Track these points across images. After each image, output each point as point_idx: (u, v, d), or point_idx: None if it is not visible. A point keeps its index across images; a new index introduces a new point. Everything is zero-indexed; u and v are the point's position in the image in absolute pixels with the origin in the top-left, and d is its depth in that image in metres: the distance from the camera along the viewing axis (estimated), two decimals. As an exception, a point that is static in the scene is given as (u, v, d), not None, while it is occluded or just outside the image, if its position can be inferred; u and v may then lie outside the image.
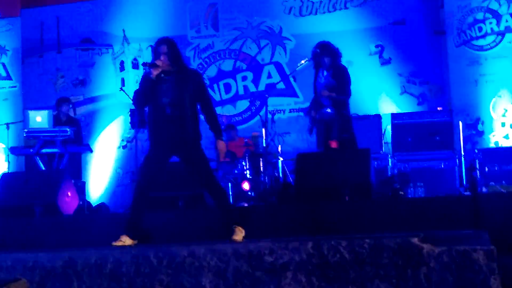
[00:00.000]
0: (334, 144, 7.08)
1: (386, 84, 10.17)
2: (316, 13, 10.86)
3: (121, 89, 10.48)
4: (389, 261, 4.07)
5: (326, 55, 7.35)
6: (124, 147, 11.24)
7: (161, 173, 5.66)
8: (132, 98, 6.45)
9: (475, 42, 9.50)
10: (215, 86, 11.16)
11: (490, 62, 9.39)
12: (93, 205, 8.74)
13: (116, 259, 4.57)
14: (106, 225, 6.68)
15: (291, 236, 5.06)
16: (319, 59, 7.37)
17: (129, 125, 9.95)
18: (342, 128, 7.15)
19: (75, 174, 8.71)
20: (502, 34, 9.38)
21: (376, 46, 10.42)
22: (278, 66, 10.92)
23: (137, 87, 5.82)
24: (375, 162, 8.00)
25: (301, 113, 10.63)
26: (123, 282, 4.49)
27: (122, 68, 11.54)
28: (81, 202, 8.08)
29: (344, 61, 7.62)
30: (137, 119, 9.35)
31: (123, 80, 11.46)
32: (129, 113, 9.69)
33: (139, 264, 4.51)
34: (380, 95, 10.14)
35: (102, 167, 11.19)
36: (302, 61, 8.19)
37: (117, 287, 4.51)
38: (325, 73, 7.37)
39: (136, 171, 8.76)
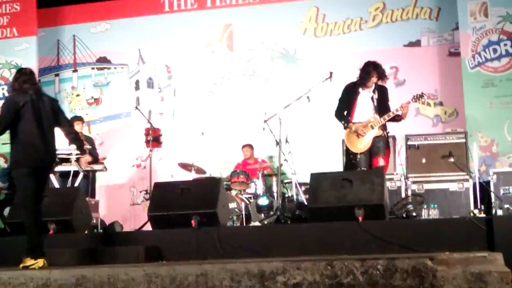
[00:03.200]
0: (382, 162, 7.15)
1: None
2: (331, 35, 10.89)
3: (136, 108, 10.54)
4: (402, 282, 4.04)
5: (377, 73, 7.39)
6: (138, 166, 11.27)
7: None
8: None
9: (489, 64, 9.49)
10: (229, 105, 11.18)
11: (505, 84, 9.36)
12: (106, 224, 8.76)
13: (129, 277, 4.57)
14: (118, 243, 6.70)
15: (304, 256, 5.04)
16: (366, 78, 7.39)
17: (144, 144, 9.99)
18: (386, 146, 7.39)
19: (89, 193, 8.75)
20: (517, 56, 9.37)
21: (391, 68, 10.42)
22: (292, 86, 10.93)
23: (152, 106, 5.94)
24: (389, 183, 7.97)
25: (315, 133, 10.64)
26: (136, 300, 4.49)
27: (137, 87, 11.61)
28: (94, 221, 8.11)
29: (359, 82, 7.65)
30: (152, 138, 9.38)
31: (138, 99, 11.52)
32: (145, 132, 9.73)
33: (152, 282, 4.51)
34: (395, 117, 10.11)
35: (116, 186, 11.22)
36: (317, 82, 8.22)
37: (130, 305, 4.51)
38: (371, 93, 7.39)
39: (150, 190, 8.77)
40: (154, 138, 9.22)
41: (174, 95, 11.46)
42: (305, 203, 8.22)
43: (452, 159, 8.19)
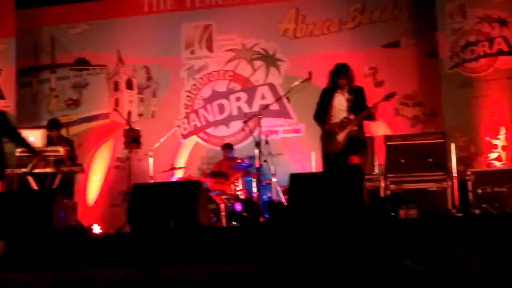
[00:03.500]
0: (356, 160, 7.16)
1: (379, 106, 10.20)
2: (310, 36, 10.92)
3: (115, 109, 10.49)
4: (382, 282, 4.05)
5: (344, 76, 7.42)
6: (117, 167, 11.22)
7: None
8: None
9: (467, 65, 9.56)
10: (208, 107, 11.18)
11: (483, 85, 9.44)
12: (85, 226, 8.71)
13: (107, 279, 4.55)
14: (96, 245, 6.66)
15: (284, 257, 5.05)
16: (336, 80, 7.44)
17: (123, 145, 9.96)
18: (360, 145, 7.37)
19: (68, 194, 8.69)
20: (494, 56, 9.44)
21: (370, 68, 10.48)
22: (272, 87, 10.96)
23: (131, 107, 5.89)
24: (369, 183, 8.00)
25: (295, 134, 10.67)
26: (114, 303, 4.47)
27: (116, 88, 11.56)
28: (73, 222, 8.06)
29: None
30: (131, 139, 9.36)
31: (117, 100, 11.47)
32: (123, 133, 9.70)
33: (131, 284, 4.48)
34: (373, 117, 10.16)
35: (95, 187, 11.17)
36: (296, 83, 8.24)
37: (108, 308, 4.48)
38: (346, 94, 7.42)
39: (128, 191, 8.74)
40: (133, 139, 9.19)
41: (153, 96, 11.42)
42: (285, 203, 8.24)
43: (430, 159, 8.25)
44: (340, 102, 7.41)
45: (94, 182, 11.18)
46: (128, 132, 9.30)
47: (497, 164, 9.13)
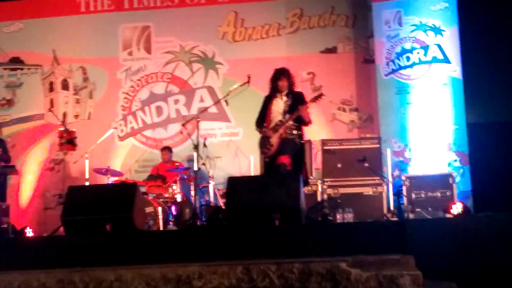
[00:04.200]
0: (285, 160, 7.15)
1: (317, 111, 10.31)
2: (249, 39, 10.95)
3: (50, 110, 10.29)
4: (317, 285, 4.08)
5: (284, 79, 7.42)
6: (51, 169, 11.00)
7: None
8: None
9: (403, 71, 9.73)
10: (146, 109, 11.08)
11: (418, 91, 9.62)
12: (17, 229, 8.51)
13: (41, 283, 4.45)
14: (30, 249, 6.50)
15: (221, 260, 5.03)
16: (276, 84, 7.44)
17: (58, 146, 9.77)
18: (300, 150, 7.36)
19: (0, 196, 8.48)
20: (429, 64, 9.64)
21: (308, 73, 10.58)
22: (211, 90, 10.94)
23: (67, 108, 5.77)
24: (306, 187, 8.05)
25: (233, 138, 10.67)
26: (47, 307, 4.37)
27: (51, 89, 11.33)
28: (5, 225, 7.86)
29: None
30: (66, 141, 9.19)
31: (52, 101, 11.25)
32: (58, 134, 9.51)
33: (64, 288, 4.40)
34: (311, 121, 10.25)
35: (28, 189, 10.93)
36: (235, 86, 8.24)
37: (41, 312, 4.39)
38: (284, 98, 7.42)
39: (62, 194, 8.57)
40: (68, 141, 9.03)
41: (90, 97, 11.25)
42: (223, 207, 8.21)
43: (366, 164, 8.37)
44: (278, 105, 7.43)
45: (28, 184, 10.94)
46: (63, 133, 9.12)
47: (431, 169, 9.30)
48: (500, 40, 9.61)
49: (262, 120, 7.55)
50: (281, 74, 7.49)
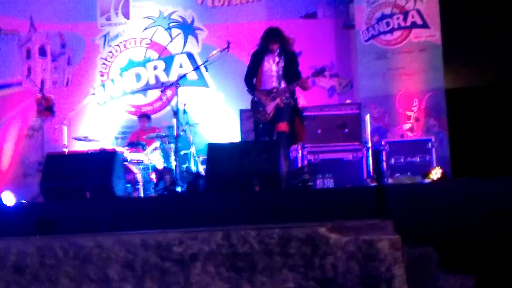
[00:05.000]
0: (284, 127, 7.14)
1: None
2: (229, 5, 10.85)
3: (27, 77, 10.18)
4: (297, 250, 4.10)
5: (276, 41, 7.30)
6: (30, 136, 10.91)
7: None
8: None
9: (383, 37, 9.72)
10: (125, 74, 10.99)
11: (397, 57, 9.63)
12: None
13: (20, 250, 4.43)
14: (9, 216, 6.48)
15: (202, 227, 5.04)
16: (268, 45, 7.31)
17: (36, 113, 9.69)
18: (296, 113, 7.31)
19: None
20: (408, 29, 9.63)
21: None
22: (190, 56, 10.86)
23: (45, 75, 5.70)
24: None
25: (214, 103, 10.63)
26: (27, 274, 4.36)
27: (28, 56, 11.19)
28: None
29: (256, 52, 7.64)
30: (44, 108, 9.12)
31: (29, 68, 11.12)
32: (36, 101, 9.43)
33: (44, 255, 4.38)
34: (291, 87, 10.23)
35: (7, 157, 10.85)
36: (214, 52, 8.18)
37: (21, 280, 4.37)
38: (276, 59, 7.34)
39: (42, 161, 8.53)
40: (46, 108, 8.95)
41: (68, 63, 11.13)
42: (203, 173, 8.22)
43: (346, 130, 8.39)
44: (270, 68, 7.31)
45: (7, 151, 10.86)
46: (41, 100, 9.03)
47: (410, 134, 9.36)
48: (480, 6, 9.61)
49: (252, 79, 7.44)
50: (272, 36, 7.32)
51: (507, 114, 9.47)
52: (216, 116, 10.55)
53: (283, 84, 7.27)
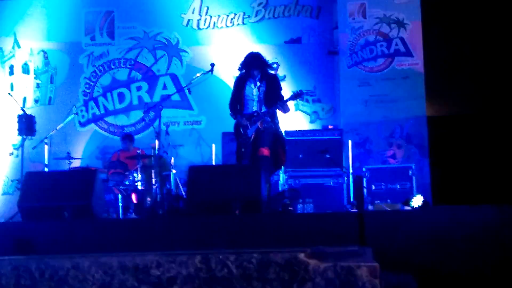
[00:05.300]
0: (266, 152, 7.18)
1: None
2: (213, 27, 10.89)
3: (9, 94, 10.12)
4: (276, 276, 4.09)
5: (257, 68, 7.41)
6: (10, 154, 10.83)
7: None
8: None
9: (366, 64, 9.79)
10: (108, 95, 10.97)
11: (380, 84, 9.70)
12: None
13: (-5, 270, 4.38)
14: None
15: (181, 250, 5.01)
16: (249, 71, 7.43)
17: (17, 131, 9.62)
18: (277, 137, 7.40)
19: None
20: (391, 56, 9.72)
21: (272, 63, 10.55)
22: (174, 78, 10.86)
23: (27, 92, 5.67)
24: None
25: (195, 126, 10.63)
26: (2, 295, 4.31)
27: (11, 72, 11.13)
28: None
29: (240, 76, 7.70)
30: (25, 126, 9.07)
31: (12, 85, 11.05)
32: (17, 119, 9.37)
33: (20, 276, 4.34)
34: (274, 112, 10.26)
35: (-14, 174, 10.77)
36: (198, 74, 8.20)
37: (-5, 300, 4.32)
38: (258, 83, 7.40)
39: (21, 180, 8.46)
40: (27, 126, 8.89)
41: (51, 82, 11.08)
42: (184, 196, 8.19)
43: (328, 155, 8.41)
44: (252, 92, 7.43)
45: (-15, 169, 10.77)
46: (22, 118, 8.98)
47: (392, 161, 9.40)
48: (462, 35, 9.73)
49: (235, 104, 7.53)
50: (253, 62, 7.47)
51: (488, 142, 9.55)
52: (198, 138, 10.53)
53: (264, 108, 7.35)
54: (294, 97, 7.51)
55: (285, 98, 7.44)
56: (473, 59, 9.71)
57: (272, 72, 7.77)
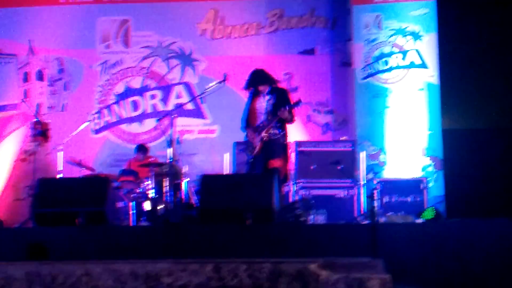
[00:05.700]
0: (276, 164, 7.22)
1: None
2: (228, 37, 10.92)
3: (23, 100, 10.18)
4: (287, 286, 4.08)
5: (263, 84, 7.60)
6: (23, 160, 10.87)
7: None
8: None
9: (381, 75, 9.77)
10: (122, 103, 11.01)
11: (395, 95, 9.67)
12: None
13: (8, 275, 4.39)
14: (1, 240, 6.44)
15: (192, 258, 5.01)
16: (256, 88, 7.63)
17: (30, 137, 9.67)
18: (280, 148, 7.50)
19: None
20: (407, 68, 9.70)
21: (285, 74, 10.57)
22: (188, 87, 10.89)
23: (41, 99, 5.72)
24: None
25: (209, 135, 10.65)
26: (14, 300, 4.32)
27: (25, 79, 11.20)
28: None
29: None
30: (39, 132, 9.11)
31: (25, 92, 11.12)
32: (31, 125, 9.41)
33: (32, 281, 4.35)
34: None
35: (0, 180, 10.80)
36: (211, 84, 8.23)
37: (7, 305, 4.33)
38: (267, 97, 7.57)
39: (33, 186, 8.48)
40: (41, 132, 8.94)
41: (65, 89, 11.14)
42: (196, 204, 8.19)
43: (340, 167, 8.40)
44: (261, 105, 7.59)
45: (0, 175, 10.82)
46: (36, 124, 9.03)
47: (404, 174, 9.35)
48: (478, 47, 9.68)
49: (246, 120, 7.74)
50: (259, 79, 7.66)
51: (502, 157, 9.49)
52: (211, 147, 10.54)
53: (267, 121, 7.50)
54: (293, 105, 7.61)
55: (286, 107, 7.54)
56: (489, 71, 9.66)
57: (280, 85, 7.90)
